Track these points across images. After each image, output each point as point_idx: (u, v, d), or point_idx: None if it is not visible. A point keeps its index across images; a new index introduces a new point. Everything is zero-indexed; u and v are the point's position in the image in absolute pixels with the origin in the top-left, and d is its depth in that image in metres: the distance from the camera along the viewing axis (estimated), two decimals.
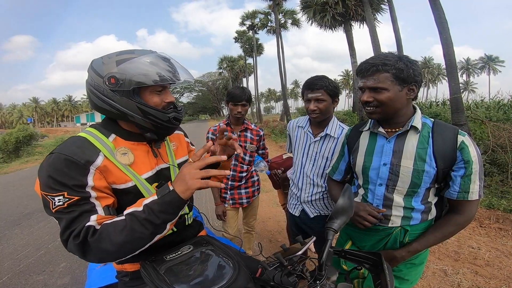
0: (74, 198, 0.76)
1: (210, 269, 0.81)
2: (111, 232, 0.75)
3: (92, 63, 0.90)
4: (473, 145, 1.06)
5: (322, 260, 0.75)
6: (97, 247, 0.74)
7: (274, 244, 3.20)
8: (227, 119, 2.19)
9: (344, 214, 0.87)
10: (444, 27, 5.84)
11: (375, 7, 13.28)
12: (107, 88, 0.86)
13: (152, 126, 0.91)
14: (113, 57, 0.88)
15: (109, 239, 0.74)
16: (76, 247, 0.75)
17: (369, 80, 1.08)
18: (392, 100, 1.07)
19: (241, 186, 2.24)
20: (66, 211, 0.76)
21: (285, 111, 20.79)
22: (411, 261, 1.20)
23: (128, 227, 0.75)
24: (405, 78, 1.04)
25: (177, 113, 0.95)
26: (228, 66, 40.18)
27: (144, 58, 0.87)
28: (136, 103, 0.87)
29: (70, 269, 2.80)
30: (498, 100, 8.23)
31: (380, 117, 1.13)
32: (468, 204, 1.07)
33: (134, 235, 0.75)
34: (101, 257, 0.76)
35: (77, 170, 0.77)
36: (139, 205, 0.79)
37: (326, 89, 1.53)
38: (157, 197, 0.77)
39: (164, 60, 0.91)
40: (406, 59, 1.06)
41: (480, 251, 2.81)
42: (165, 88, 0.93)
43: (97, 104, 0.89)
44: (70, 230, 0.75)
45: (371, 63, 1.08)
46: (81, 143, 0.83)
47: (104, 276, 1.21)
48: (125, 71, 0.85)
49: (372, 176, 1.19)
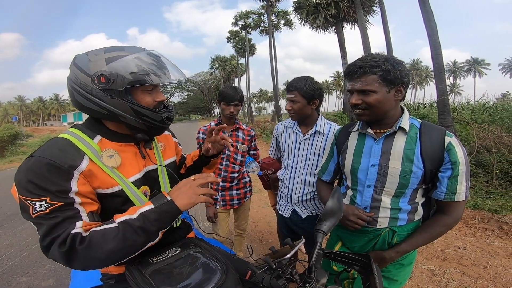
0: (57, 204, 0.72)
1: (197, 271, 0.79)
2: (101, 240, 0.72)
3: (76, 60, 0.84)
4: (460, 146, 1.07)
5: (311, 263, 0.74)
6: (85, 255, 0.71)
7: (264, 245, 3.20)
8: (218, 119, 2.17)
9: (334, 216, 0.86)
10: (433, 30, 5.95)
11: (367, 9, 13.50)
12: (95, 87, 0.81)
13: (145, 126, 0.88)
14: (101, 54, 0.83)
15: (100, 246, 0.72)
16: (61, 255, 0.71)
17: (357, 83, 1.08)
18: (380, 102, 1.07)
19: (232, 187, 2.21)
20: (47, 217, 0.72)
21: (277, 111, 20.86)
22: (399, 262, 1.20)
23: (120, 235, 0.73)
24: (392, 79, 1.05)
25: (169, 113, 0.93)
26: (220, 66, 40.05)
27: (135, 56, 0.84)
28: (129, 103, 0.83)
29: (54, 271, 2.74)
30: (484, 103, 8.47)
31: (369, 119, 1.14)
32: (455, 205, 1.09)
33: (126, 243, 0.73)
34: (87, 265, 0.73)
35: (60, 175, 0.73)
36: (132, 212, 0.77)
37: (300, 91, 1.57)
38: (154, 206, 0.78)
39: (155, 58, 0.88)
40: (392, 60, 1.06)
41: (466, 251, 2.87)
42: (156, 87, 0.90)
43: (83, 103, 0.83)
44: (52, 237, 0.71)
45: (358, 65, 1.07)
46: (64, 146, 0.79)
47: (89, 278, 1.18)
48: (116, 70, 0.80)
49: (360, 178, 1.20)
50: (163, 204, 0.78)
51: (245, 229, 2.51)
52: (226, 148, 2.06)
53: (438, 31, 5.96)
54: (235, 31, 30.67)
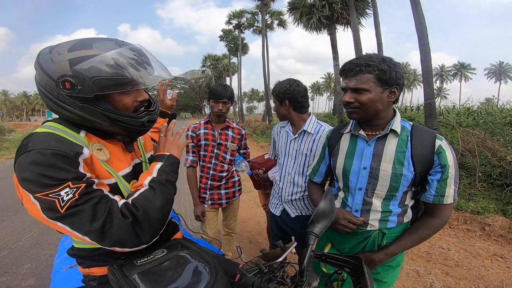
0: (81, 186, 0.67)
1: (185, 274, 0.76)
2: (147, 201, 0.76)
3: (39, 58, 0.74)
4: (450, 149, 1.07)
5: (303, 266, 0.73)
6: (147, 220, 0.74)
7: (254, 245, 3.18)
8: (208, 117, 2.14)
9: (326, 218, 0.86)
10: (423, 33, 6.04)
11: (360, 11, 13.68)
12: (62, 93, 0.72)
13: (123, 131, 0.83)
14: (64, 53, 0.71)
15: (151, 206, 0.75)
16: (129, 227, 0.71)
17: (352, 81, 1.08)
18: (373, 101, 1.07)
19: (221, 186, 2.19)
20: (81, 202, 0.67)
21: (267, 111, 20.90)
22: (388, 264, 1.21)
23: (158, 191, 0.79)
24: (387, 80, 1.05)
25: (150, 115, 0.86)
26: (212, 65, 39.81)
27: (106, 55, 0.72)
28: (102, 110, 0.75)
29: (35, 271, 2.65)
30: (468, 107, 8.72)
31: (360, 117, 1.13)
32: (443, 207, 1.10)
33: (166, 196, 0.80)
34: (153, 230, 0.76)
35: (69, 163, 0.68)
36: (149, 173, 0.85)
37: (273, 94, 1.72)
38: (163, 161, 0.88)
39: (134, 54, 0.77)
40: (389, 60, 1.06)
41: (450, 252, 2.93)
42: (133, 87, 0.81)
43: (53, 108, 0.76)
44: (103, 218, 0.68)
45: (354, 63, 1.07)
46: (57, 137, 0.71)
47: (70, 279, 1.13)
48: (82, 74, 0.70)
49: (352, 180, 1.19)
50: (167, 158, 0.89)
51: (234, 228, 2.49)
52: (214, 147, 2.06)
53: (428, 35, 6.06)
54: (228, 30, 30.56)
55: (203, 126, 2.11)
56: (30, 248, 3.09)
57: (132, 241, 0.72)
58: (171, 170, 0.87)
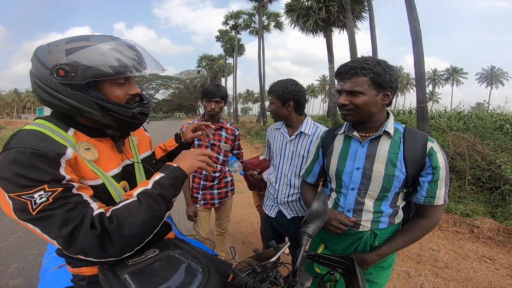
0: (58, 190, 0.66)
1: (177, 274, 0.75)
2: (128, 214, 0.71)
3: (37, 51, 0.78)
4: (441, 151, 1.10)
5: (296, 266, 0.74)
6: (120, 234, 0.69)
7: (247, 246, 3.18)
8: (202, 117, 2.14)
9: (319, 218, 0.86)
10: (418, 38, 6.11)
11: (357, 15, 13.81)
12: (55, 81, 0.74)
13: (114, 122, 0.82)
14: (62, 45, 0.75)
15: (130, 221, 0.70)
16: (94, 239, 0.66)
17: (347, 83, 1.09)
18: (367, 104, 1.08)
19: (213, 186, 2.18)
20: (54, 207, 0.65)
21: (262, 113, 20.91)
22: (380, 264, 1.22)
23: (144, 206, 0.74)
24: (381, 83, 1.06)
25: (142, 107, 0.86)
26: (208, 65, 39.72)
27: (101, 46, 0.76)
28: (93, 98, 0.76)
29: (23, 270, 2.61)
30: (459, 111, 8.89)
31: (354, 119, 1.15)
32: (434, 208, 1.11)
33: (152, 212, 0.75)
34: (124, 245, 0.71)
35: (48, 164, 0.67)
36: (144, 184, 0.79)
37: (275, 94, 1.64)
38: (165, 173, 0.81)
39: (127, 48, 0.80)
40: (384, 64, 1.08)
41: (439, 254, 2.98)
42: (128, 79, 0.83)
43: (45, 98, 0.77)
44: (73, 225, 0.65)
45: (350, 66, 1.08)
46: (41, 136, 0.72)
47: (58, 279, 1.11)
48: (76, 62, 0.73)
49: (345, 180, 1.21)
50: (172, 170, 0.82)
51: (227, 228, 2.49)
52: (208, 147, 2.05)
53: (422, 39, 6.13)
54: (225, 30, 30.57)
55: None
56: (18, 247, 3.04)
57: (97, 253, 0.68)
58: (170, 184, 0.80)
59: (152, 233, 0.77)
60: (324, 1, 13.61)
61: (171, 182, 0.80)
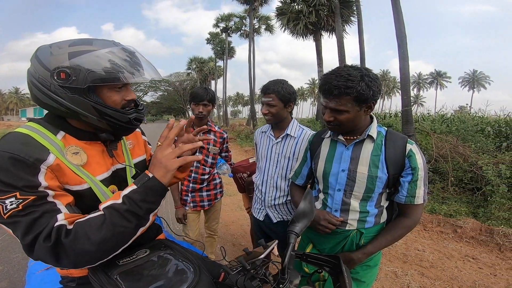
0: (29, 198, 0.65)
1: (169, 274, 0.76)
2: (88, 230, 0.67)
3: (38, 52, 0.78)
4: (420, 153, 1.16)
5: (284, 264, 0.76)
6: (73, 249, 0.66)
7: (237, 248, 3.18)
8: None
9: (305, 217, 0.88)
10: (403, 42, 6.26)
11: (345, 19, 14.09)
12: (55, 83, 0.74)
13: (109, 127, 0.83)
14: (65, 47, 0.76)
15: (87, 237, 0.66)
16: (47, 251, 0.65)
17: (331, 102, 1.12)
18: (350, 120, 1.14)
19: (202, 188, 2.19)
20: (22, 214, 0.65)
21: (252, 115, 20.97)
22: (366, 263, 1.26)
23: (107, 222, 0.69)
24: (365, 99, 1.10)
25: (138, 113, 0.87)
26: (198, 67, 39.54)
27: (104, 51, 0.77)
28: (92, 102, 0.77)
29: (7, 274, 2.56)
30: (442, 114, 9.17)
31: (341, 132, 1.22)
32: (414, 207, 1.17)
33: (116, 229, 0.69)
34: (79, 260, 0.68)
35: (26, 169, 0.67)
36: (117, 197, 0.73)
37: (278, 95, 1.58)
38: (136, 186, 0.74)
39: (127, 54, 0.81)
40: (368, 78, 1.08)
41: (425, 253, 3.06)
42: (125, 85, 0.84)
43: (41, 99, 0.77)
44: (34, 234, 0.65)
45: (334, 85, 1.08)
46: (26, 140, 0.72)
47: (46, 281, 1.09)
48: (79, 66, 0.74)
49: (331, 182, 1.25)
50: (145, 182, 0.74)
51: (216, 230, 2.50)
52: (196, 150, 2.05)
53: (408, 43, 6.28)
54: (216, 33, 30.59)
55: None
56: (1, 251, 2.97)
57: (52, 263, 0.68)
58: (142, 198, 0.72)
59: (118, 249, 0.72)
60: (314, 5, 13.84)
61: (142, 197, 0.72)
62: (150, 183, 0.74)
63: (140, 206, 0.72)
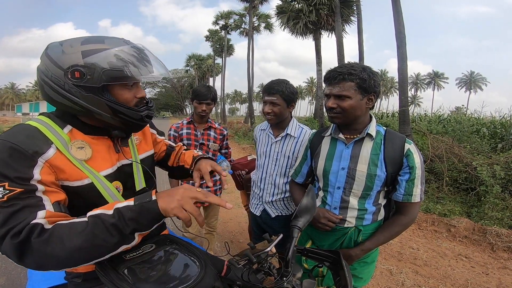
0: (16, 190, 0.65)
1: (175, 268, 0.78)
2: (65, 234, 0.63)
3: (48, 50, 0.77)
4: (417, 152, 1.19)
5: (288, 257, 0.78)
6: (41, 251, 0.62)
7: (235, 245, 3.21)
8: (191, 117, 2.17)
9: (308, 212, 0.91)
10: (402, 42, 6.29)
11: (345, 18, 14.08)
12: (69, 82, 0.74)
13: (122, 124, 0.84)
14: (77, 46, 0.75)
15: (61, 242, 0.62)
16: (12, 248, 0.62)
17: (335, 88, 1.17)
18: (353, 107, 1.16)
19: (202, 185, 2.20)
20: (5, 205, 0.64)
21: (250, 113, 20.96)
22: (364, 260, 1.30)
23: (88, 231, 0.64)
24: (367, 88, 1.15)
25: (149, 111, 0.89)
26: (196, 65, 39.39)
27: (117, 49, 0.78)
28: (106, 100, 0.78)
29: (5, 270, 2.55)
30: (439, 115, 9.25)
31: (341, 122, 1.22)
32: (411, 206, 1.20)
33: (95, 241, 0.64)
34: (43, 263, 0.63)
35: (23, 160, 0.68)
36: (109, 207, 0.70)
37: (282, 94, 1.61)
38: (134, 203, 0.69)
39: (139, 52, 0.82)
40: (369, 70, 1.16)
41: (419, 252, 3.11)
42: (136, 83, 0.85)
43: (54, 98, 0.77)
44: (8, 227, 0.63)
45: (338, 71, 1.16)
46: (31, 133, 0.73)
47: (49, 277, 1.09)
48: (93, 64, 0.74)
49: (331, 180, 1.28)
50: (145, 202, 0.69)
51: (215, 226, 2.52)
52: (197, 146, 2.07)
53: (407, 43, 6.31)
54: (215, 30, 30.42)
55: (186, 126, 2.14)
56: None
57: (14, 260, 0.65)
58: (132, 217, 0.67)
59: (90, 261, 0.67)
60: (314, 4, 13.81)
61: (133, 216, 0.67)
62: (149, 205, 0.69)
63: (128, 224, 0.67)
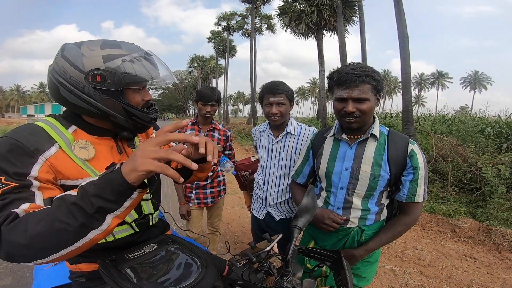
0: (10, 185, 0.65)
1: (177, 267, 0.79)
2: (30, 221, 0.58)
3: (65, 51, 0.79)
4: (421, 153, 1.19)
5: (288, 257, 0.79)
6: (6, 239, 0.58)
7: (238, 245, 3.22)
8: (195, 118, 2.19)
9: (308, 212, 0.91)
10: (405, 43, 6.25)
11: (347, 19, 14.06)
12: (89, 85, 0.77)
13: (133, 126, 0.87)
14: (97, 50, 0.78)
15: (24, 229, 0.57)
16: None
17: (354, 91, 1.12)
18: (371, 110, 1.16)
19: (206, 185, 2.23)
20: None
21: (253, 114, 20.94)
22: (367, 260, 1.30)
23: (50, 214, 0.58)
24: (379, 89, 1.15)
25: (156, 113, 0.93)
26: (199, 66, 39.51)
27: (134, 55, 0.82)
28: (122, 104, 0.81)
29: (11, 270, 2.58)
30: (443, 115, 9.18)
31: (359, 126, 1.19)
32: (414, 206, 1.20)
33: (55, 225, 0.57)
34: (11, 253, 0.58)
35: (23, 157, 0.70)
36: None
37: (287, 94, 1.64)
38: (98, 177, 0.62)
39: (151, 58, 0.86)
40: (376, 70, 1.16)
41: (423, 252, 3.09)
42: (145, 86, 0.89)
43: (69, 99, 0.79)
44: None
45: (355, 73, 1.11)
46: (35, 131, 0.76)
47: (55, 276, 1.11)
48: (114, 69, 0.77)
49: (334, 180, 1.27)
50: (111, 172, 0.60)
51: (218, 226, 2.54)
52: None
53: (409, 43, 6.27)
54: (217, 32, 30.50)
55: (190, 127, 2.16)
56: None
57: None
58: (95, 193, 0.58)
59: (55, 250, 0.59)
60: (316, 5, 13.81)
61: (96, 191, 0.58)
62: (112, 175, 0.59)
63: (91, 202, 0.57)
